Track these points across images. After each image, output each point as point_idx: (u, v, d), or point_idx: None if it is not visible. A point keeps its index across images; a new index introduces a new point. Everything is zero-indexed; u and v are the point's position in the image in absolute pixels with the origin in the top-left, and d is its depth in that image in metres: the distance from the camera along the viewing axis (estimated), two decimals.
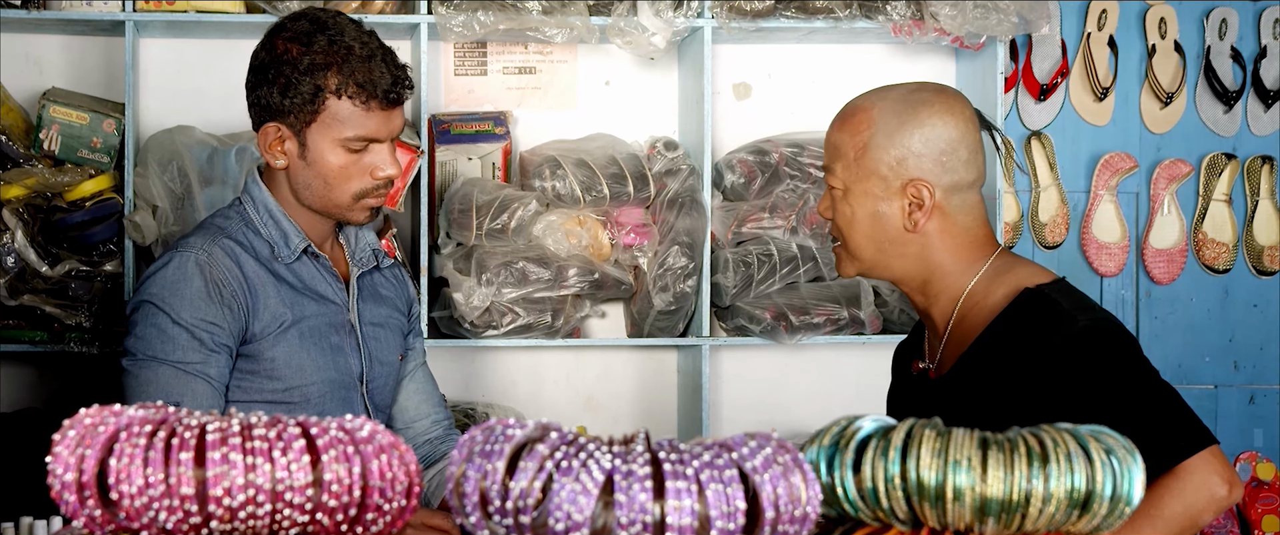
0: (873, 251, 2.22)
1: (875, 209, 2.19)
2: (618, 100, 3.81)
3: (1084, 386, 2.06)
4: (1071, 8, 4.02)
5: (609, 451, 1.24)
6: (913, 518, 1.35)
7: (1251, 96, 4.10)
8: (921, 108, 2.17)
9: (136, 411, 1.29)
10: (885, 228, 2.20)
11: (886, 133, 2.17)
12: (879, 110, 2.18)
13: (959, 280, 2.21)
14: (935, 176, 2.16)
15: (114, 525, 1.26)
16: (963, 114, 2.18)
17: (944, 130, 2.16)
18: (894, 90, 2.22)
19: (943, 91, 2.21)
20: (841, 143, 2.21)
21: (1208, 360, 4.09)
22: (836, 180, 2.22)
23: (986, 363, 2.15)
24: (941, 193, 2.17)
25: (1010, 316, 2.15)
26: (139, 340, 2.45)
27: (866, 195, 2.19)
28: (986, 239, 2.23)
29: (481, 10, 3.40)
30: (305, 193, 2.50)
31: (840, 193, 2.22)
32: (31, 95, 3.52)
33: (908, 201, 2.17)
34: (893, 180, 2.17)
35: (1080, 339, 2.08)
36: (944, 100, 2.19)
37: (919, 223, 2.18)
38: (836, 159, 2.21)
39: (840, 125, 2.22)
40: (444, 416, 2.77)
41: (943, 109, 2.17)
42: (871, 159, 2.17)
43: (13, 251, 3.33)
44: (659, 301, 3.56)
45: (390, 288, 2.70)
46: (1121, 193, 4.06)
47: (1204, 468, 2.02)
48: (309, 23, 2.45)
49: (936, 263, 2.21)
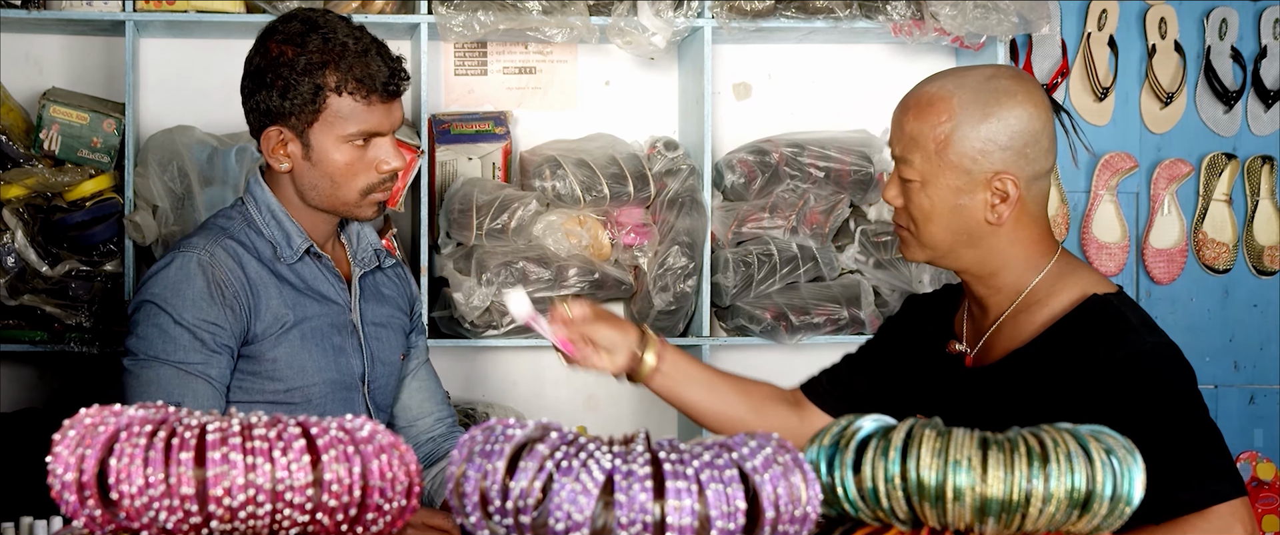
0: (949, 243, 2.17)
1: (956, 202, 2.13)
2: (618, 100, 3.81)
3: (1136, 407, 2.03)
4: (1071, 8, 4.02)
5: (609, 451, 1.24)
6: (913, 518, 1.35)
7: (1251, 96, 4.10)
8: (1005, 97, 2.10)
9: (137, 411, 1.29)
10: (965, 220, 2.14)
11: (970, 124, 2.10)
12: (960, 100, 2.11)
13: (1023, 275, 2.17)
14: (1019, 168, 2.11)
15: (114, 525, 1.26)
16: (1042, 102, 2.13)
17: (1028, 122, 2.11)
18: (970, 77, 2.15)
19: (1020, 78, 2.15)
20: (920, 133, 2.13)
21: (1208, 360, 4.09)
22: (913, 172, 2.15)
23: (1043, 362, 2.12)
24: (1024, 184, 2.12)
25: (1075, 320, 2.12)
26: (140, 340, 2.45)
27: (947, 188, 2.13)
28: (1049, 232, 2.19)
29: (481, 10, 3.40)
30: (312, 193, 2.50)
31: (917, 184, 2.15)
32: (31, 95, 3.52)
33: (991, 194, 2.12)
34: (977, 174, 2.11)
35: (1144, 359, 2.05)
36: (1024, 88, 2.13)
37: (1003, 215, 2.13)
38: (914, 150, 2.14)
39: (918, 115, 2.14)
40: (447, 414, 2.77)
41: (1025, 98, 2.11)
42: (955, 152, 2.11)
43: (13, 251, 3.33)
44: (659, 301, 3.56)
45: (392, 287, 2.70)
46: (1121, 193, 4.06)
47: (1233, 517, 2.00)
48: (300, 24, 2.45)
49: (1009, 256, 2.16)
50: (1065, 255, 2.21)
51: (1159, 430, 2.00)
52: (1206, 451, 2.03)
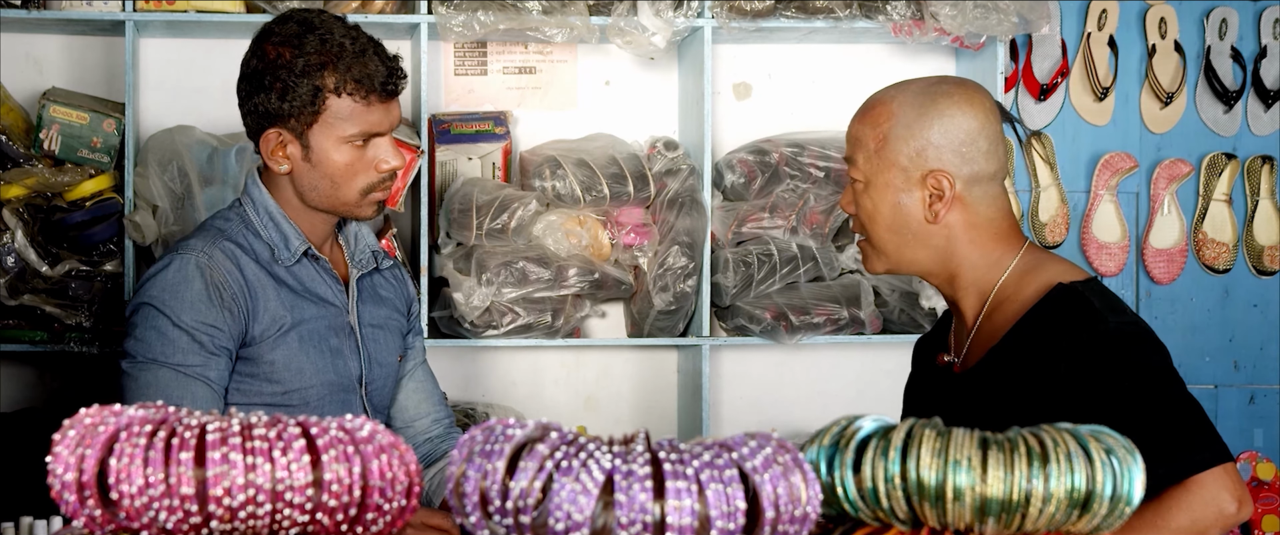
0: (896, 244, 2.22)
1: (896, 200, 2.20)
2: (618, 100, 3.81)
3: (1108, 388, 2.05)
4: (1071, 8, 4.02)
5: (609, 451, 1.24)
6: (913, 518, 1.35)
7: (1251, 96, 4.10)
8: (941, 99, 2.18)
9: (136, 411, 1.29)
10: (906, 220, 2.20)
11: (906, 124, 2.18)
12: (899, 102, 2.20)
13: (987, 273, 2.21)
14: (955, 167, 2.17)
15: (114, 525, 1.26)
16: (983, 106, 2.19)
17: (963, 121, 2.17)
18: (914, 83, 2.24)
19: (963, 84, 2.22)
20: (862, 135, 2.22)
21: (1208, 360, 4.09)
22: (858, 173, 2.23)
23: (1014, 358, 2.15)
24: (962, 184, 2.17)
25: (1041, 312, 2.14)
26: (139, 342, 2.44)
27: (887, 187, 2.20)
28: (1012, 231, 2.23)
29: (481, 10, 3.40)
30: (312, 194, 2.50)
31: (862, 186, 2.23)
32: (31, 95, 3.52)
33: (928, 193, 2.18)
34: (913, 171, 2.18)
35: (1109, 340, 2.08)
36: (964, 92, 2.20)
37: (939, 214, 2.18)
38: (858, 151, 2.23)
39: (861, 118, 2.24)
40: (445, 415, 2.77)
41: (962, 100, 2.18)
42: (892, 150, 2.18)
43: (13, 251, 3.33)
44: (659, 301, 3.56)
45: (390, 288, 2.70)
46: (1121, 193, 4.06)
47: (1216, 483, 2.00)
48: (296, 25, 2.45)
49: (962, 256, 2.21)
50: (1033, 249, 2.23)
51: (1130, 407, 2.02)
52: (1182, 422, 2.04)
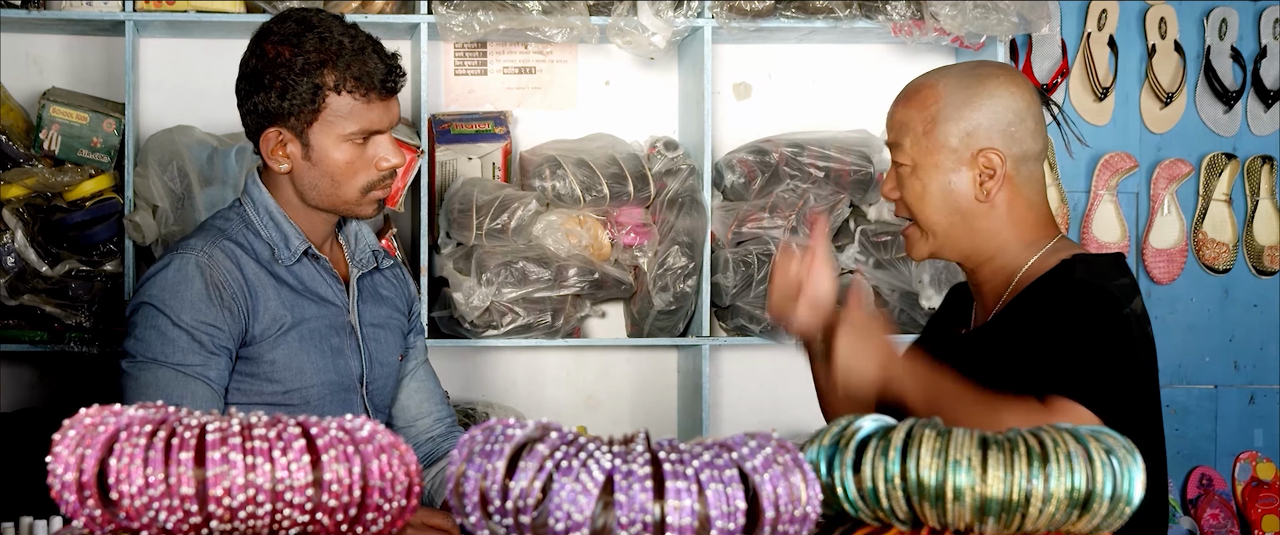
0: (945, 226, 2.24)
1: (946, 181, 2.22)
2: (618, 100, 3.81)
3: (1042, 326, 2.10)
4: (1071, 8, 4.02)
5: (609, 451, 1.24)
6: (913, 518, 1.35)
7: (1251, 96, 4.10)
8: (987, 80, 2.21)
9: (136, 411, 1.29)
10: (957, 200, 2.22)
11: (955, 105, 2.20)
12: (945, 85, 2.22)
13: (1018, 257, 2.24)
14: (1005, 146, 2.20)
15: (114, 525, 1.26)
16: (1026, 86, 2.23)
17: (1010, 101, 2.20)
18: (955, 67, 2.27)
19: (1004, 66, 2.26)
20: (908, 119, 2.23)
21: (1208, 360, 4.09)
22: (904, 156, 2.24)
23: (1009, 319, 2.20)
24: (1012, 162, 2.20)
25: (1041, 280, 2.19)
26: (138, 342, 2.44)
27: (936, 169, 2.22)
28: (1048, 219, 2.26)
29: (481, 10, 3.40)
30: (313, 193, 2.50)
31: (908, 169, 2.24)
32: (31, 95, 3.52)
33: (979, 172, 2.20)
34: (963, 151, 2.20)
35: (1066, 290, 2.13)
36: (1007, 72, 2.23)
37: (991, 192, 2.21)
38: (904, 134, 2.24)
39: (905, 102, 2.25)
40: (446, 414, 2.77)
41: (1007, 81, 2.21)
42: (941, 132, 2.20)
43: (13, 251, 3.33)
44: (659, 301, 3.56)
45: (390, 288, 2.70)
46: (1121, 193, 4.06)
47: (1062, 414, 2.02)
48: (295, 24, 2.45)
49: (1004, 239, 2.23)
50: (1064, 240, 2.26)
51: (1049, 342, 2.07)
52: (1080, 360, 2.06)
